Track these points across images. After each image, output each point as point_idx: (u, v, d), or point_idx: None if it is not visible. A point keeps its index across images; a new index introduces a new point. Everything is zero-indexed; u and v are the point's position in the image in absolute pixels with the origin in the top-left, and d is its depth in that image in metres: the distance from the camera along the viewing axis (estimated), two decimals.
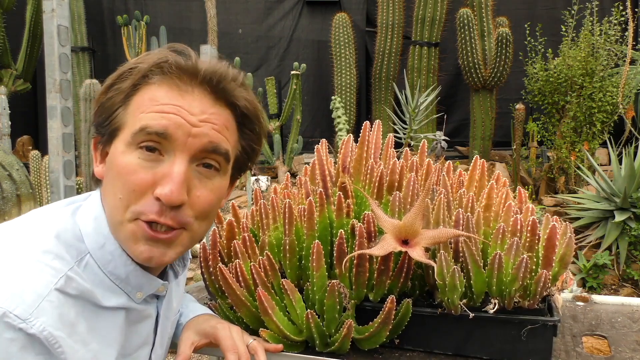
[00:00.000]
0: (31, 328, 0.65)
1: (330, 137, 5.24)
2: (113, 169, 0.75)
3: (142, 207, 0.73)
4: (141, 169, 0.73)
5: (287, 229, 1.05)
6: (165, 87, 0.75)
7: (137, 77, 0.76)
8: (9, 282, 0.67)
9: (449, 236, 0.96)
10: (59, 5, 2.94)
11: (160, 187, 0.72)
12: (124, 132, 0.75)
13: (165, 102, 0.74)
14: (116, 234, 0.77)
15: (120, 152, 0.75)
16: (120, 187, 0.74)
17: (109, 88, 0.78)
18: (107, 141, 0.78)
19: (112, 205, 0.75)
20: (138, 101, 0.76)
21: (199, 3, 6.04)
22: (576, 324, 1.17)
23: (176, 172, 0.73)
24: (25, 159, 5.07)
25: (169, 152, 0.74)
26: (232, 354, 0.94)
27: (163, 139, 0.73)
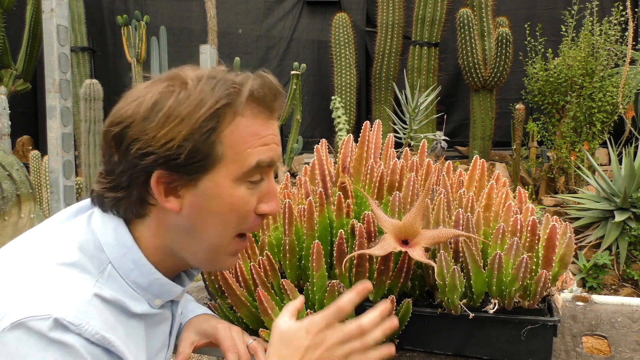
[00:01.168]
0: (84, 333, 0.66)
1: (330, 137, 5.24)
2: (223, 204, 0.77)
3: (249, 225, 0.80)
4: (250, 197, 0.78)
5: (287, 229, 1.05)
6: (259, 116, 0.78)
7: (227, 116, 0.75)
8: (52, 290, 0.68)
9: (449, 236, 0.96)
10: (58, 5, 2.94)
11: (266, 206, 0.80)
12: (227, 167, 0.75)
13: (265, 133, 0.78)
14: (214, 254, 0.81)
15: (229, 187, 0.76)
16: (236, 219, 0.78)
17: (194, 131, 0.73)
18: (191, 177, 0.75)
19: (220, 234, 0.79)
20: (235, 136, 0.75)
21: (199, 3, 6.04)
22: (576, 324, 1.17)
23: (275, 188, 0.81)
24: (25, 159, 5.07)
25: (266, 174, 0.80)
26: (232, 353, 0.94)
27: (271, 167, 0.80)
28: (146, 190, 0.76)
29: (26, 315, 0.64)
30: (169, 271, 0.83)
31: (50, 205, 3.04)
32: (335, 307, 0.81)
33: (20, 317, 0.64)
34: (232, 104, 0.75)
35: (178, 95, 0.74)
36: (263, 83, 0.78)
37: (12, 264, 0.73)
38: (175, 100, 0.74)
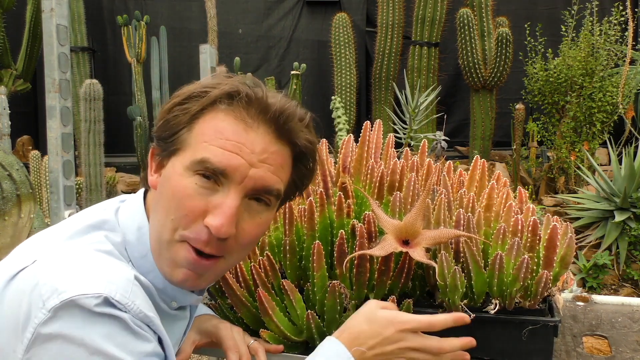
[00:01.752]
0: (130, 311, 0.68)
1: (330, 137, 5.24)
2: (169, 188, 0.76)
3: (191, 233, 0.74)
4: (197, 195, 0.74)
5: (287, 229, 1.05)
6: (232, 119, 0.76)
7: (206, 102, 0.76)
8: (98, 270, 0.70)
9: (450, 236, 0.96)
10: (58, 5, 2.93)
11: (211, 217, 0.73)
12: (185, 154, 0.76)
13: (229, 137, 0.74)
14: (160, 252, 0.78)
15: (179, 173, 0.75)
16: (174, 208, 0.75)
17: (177, 105, 0.78)
18: (167, 156, 0.79)
19: (162, 223, 0.76)
20: (203, 127, 0.76)
21: (199, 3, 6.04)
22: (576, 324, 1.17)
23: (229, 205, 0.74)
24: (25, 159, 5.07)
25: (224, 185, 0.75)
26: (233, 353, 0.94)
27: (220, 175, 0.74)
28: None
29: (77, 293, 0.65)
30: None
31: (50, 205, 3.04)
32: (428, 319, 0.85)
33: (71, 294, 0.65)
34: (208, 95, 0.76)
35: (189, 89, 0.80)
36: (252, 94, 0.76)
37: (48, 249, 0.74)
38: (184, 91, 0.80)
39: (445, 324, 0.86)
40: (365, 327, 0.85)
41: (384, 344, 0.84)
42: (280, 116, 0.77)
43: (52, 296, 0.65)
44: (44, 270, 0.69)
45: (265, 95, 0.77)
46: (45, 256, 0.71)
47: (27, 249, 0.75)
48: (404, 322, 0.85)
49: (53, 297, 0.65)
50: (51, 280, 0.67)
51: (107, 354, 0.65)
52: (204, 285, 0.82)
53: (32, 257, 0.71)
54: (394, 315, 0.86)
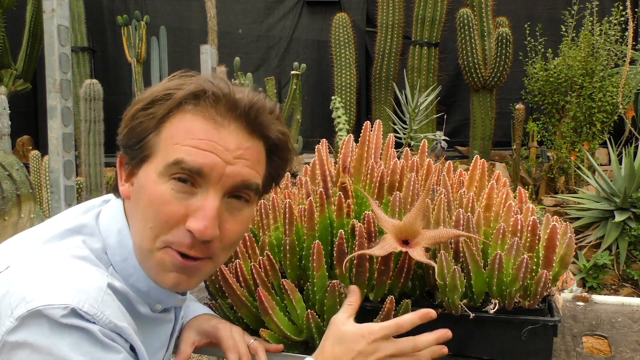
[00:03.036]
0: (98, 322, 0.67)
1: (330, 137, 5.24)
2: (144, 197, 0.74)
3: (173, 238, 0.73)
4: (175, 200, 0.72)
5: (287, 229, 1.05)
6: (201, 119, 0.74)
7: (172, 104, 0.74)
8: (68, 279, 0.69)
9: (450, 236, 0.96)
10: (59, 5, 2.94)
11: (193, 221, 0.72)
12: (157, 160, 0.74)
13: (201, 136, 0.73)
14: (144, 261, 0.77)
15: (153, 180, 0.73)
16: (152, 216, 0.73)
17: (140, 111, 0.76)
18: (137, 164, 0.77)
19: (141, 232, 0.75)
20: (172, 130, 0.74)
21: (199, 3, 6.04)
22: (576, 324, 1.17)
23: (210, 207, 0.72)
24: (25, 159, 5.07)
25: (202, 187, 0.73)
26: (233, 353, 0.94)
27: (197, 175, 0.73)
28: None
29: (44, 303, 0.65)
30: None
31: (51, 205, 3.04)
32: (396, 322, 0.85)
33: (37, 304, 0.65)
34: (173, 97, 0.74)
35: (152, 92, 0.77)
36: (218, 91, 0.75)
37: (22, 254, 0.73)
38: (146, 95, 0.77)
39: (412, 323, 0.86)
40: (337, 350, 0.84)
41: (360, 359, 0.83)
42: (250, 111, 0.75)
43: (20, 305, 0.65)
44: (15, 278, 0.68)
45: (232, 92, 0.75)
46: (18, 262, 0.71)
47: (1, 254, 0.74)
48: (373, 333, 0.84)
49: (21, 306, 0.65)
50: (20, 288, 0.67)
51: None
52: (195, 285, 0.81)
53: (6, 263, 0.71)
54: (362, 329, 0.85)
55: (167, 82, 0.78)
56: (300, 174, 1.24)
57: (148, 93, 0.77)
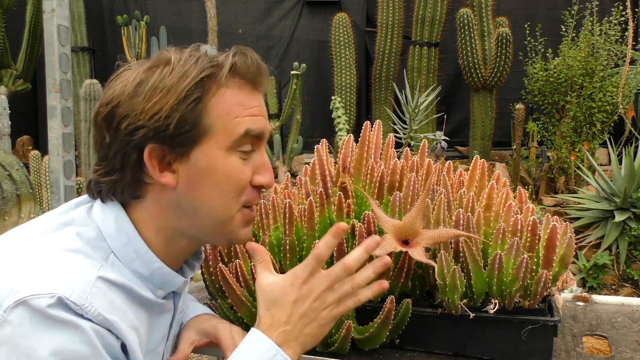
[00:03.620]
0: (87, 314, 0.67)
1: (330, 137, 5.24)
2: (218, 174, 0.78)
3: (248, 197, 0.82)
4: (244, 166, 0.80)
5: (287, 229, 1.05)
6: (244, 89, 0.80)
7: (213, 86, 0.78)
8: (56, 271, 0.69)
9: (450, 236, 0.96)
10: (59, 5, 2.94)
11: (261, 176, 0.82)
12: (216, 138, 0.77)
13: (251, 104, 0.80)
14: (221, 231, 0.82)
15: (221, 157, 0.78)
16: (233, 187, 0.79)
17: (177, 104, 0.74)
18: (184, 148, 0.76)
19: (222, 205, 0.80)
20: (223, 107, 0.78)
21: (199, 3, 6.03)
22: (576, 324, 1.17)
23: (267, 160, 0.84)
24: (25, 159, 5.07)
25: (257, 146, 0.82)
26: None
27: (257, 139, 0.81)
28: (140, 169, 0.77)
29: (30, 293, 0.65)
30: (173, 260, 0.83)
31: (51, 205, 3.04)
32: (314, 254, 0.78)
33: (23, 295, 0.64)
34: (215, 75, 0.78)
35: (162, 71, 0.77)
36: (245, 58, 0.82)
37: (15, 248, 0.73)
38: (160, 75, 0.76)
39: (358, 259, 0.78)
40: (274, 309, 0.76)
41: (299, 307, 0.76)
42: (265, 72, 0.84)
43: (8, 297, 0.65)
44: (5, 272, 0.69)
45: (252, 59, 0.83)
46: (8, 257, 0.71)
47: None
48: (298, 276, 0.77)
49: (9, 297, 0.65)
50: (9, 281, 0.67)
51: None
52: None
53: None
54: (287, 278, 0.78)
55: (190, 66, 0.77)
56: (300, 174, 1.24)
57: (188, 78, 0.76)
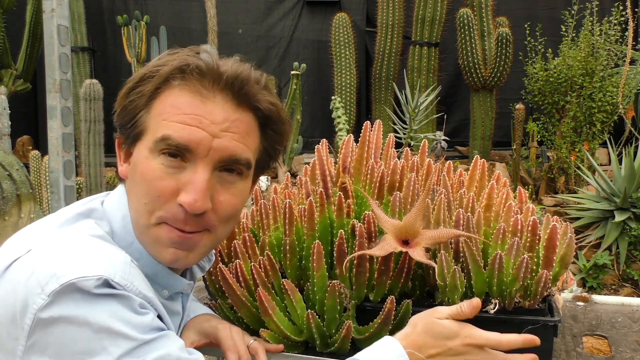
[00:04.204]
0: (130, 291, 0.69)
1: (330, 137, 5.24)
2: (137, 174, 0.76)
3: (167, 213, 0.75)
4: (165, 175, 0.74)
5: (287, 229, 1.05)
6: (187, 93, 0.75)
7: (158, 81, 0.76)
8: (95, 254, 0.70)
9: (450, 236, 0.96)
10: (59, 5, 2.94)
11: (184, 194, 0.73)
12: (147, 137, 0.76)
13: (187, 111, 0.74)
14: (142, 238, 0.78)
15: (144, 157, 0.75)
16: (145, 192, 0.75)
17: (131, 90, 0.78)
18: (131, 143, 0.79)
19: (137, 209, 0.77)
20: (160, 106, 0.76)
21: (199, 3, 6.03)
22: (576, 324, 1.17)
23: (199, 180, 0.73)
24: (25, 159, 5.07)
25: (191, 161, 0.75)
26: (232, 353, 0.94)
27: (185, 151, 0.74)
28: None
29: (77, 275, 0.65)
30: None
31: (51, 205, 3.04)
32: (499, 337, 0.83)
33: (69, 278, 0.65)
34: (159, 73, 0.76)
35: (141, 72, 0.79)
36: (202, 64, 0.75)
37: (43, 238, 0.74)
38: (136, 75, 0.79)
39: (514, 345, 0.84)
40: (428, 338, 0.83)
41: (448, 355, 0.83)
42: (235, 82, 0.76)
43: (51, 281, 0.65)
44: (40, 258, 0.69)
45: (215, 64, 0.76)
46: (39, 245, 0.71)
47: (18, 241, 0.75)
48: (472, 336, 0.84)
49: (52, 281, 0.65)
50: (48, 266, 0.67)
51: (113, 330, 0.65)
52: (196, 260, 0.82)
53: (26, 248, 0.71)
54: (461, 327, 0.85)
55: (155, 61, 0.80)
56: (300, 174, 1.24)
57: (138, 72, 0.79)
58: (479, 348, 0.83)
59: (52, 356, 0.64)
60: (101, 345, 0.64)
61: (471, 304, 0.86)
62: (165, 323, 0.76)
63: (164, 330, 0.72)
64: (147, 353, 0.67)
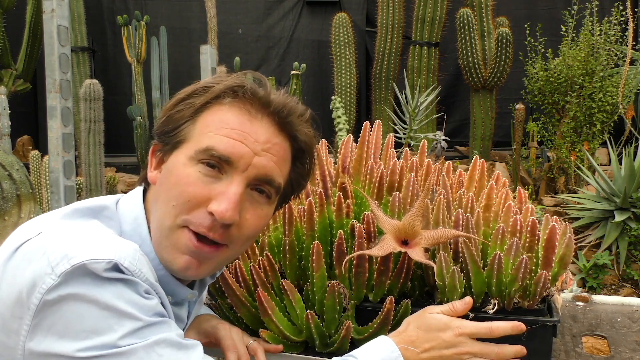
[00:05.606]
0: (138, 277, 0.70)
1: (330, 137, 5.24)
2: (171, 178, 0.78)
3: (194, 218, 0.76)
4: (200, 182, 0.76)
5: (286, 229, 1.05)
6: (237, 110, 0.78)
7: (210, 96, 0.79)
8: (106, 241, 0.72)
9: (449, 237, 0.96)
10: (59, 5, 2.94)
11: (216, 203, 0.75)
12: (188, 146, 0.78)
13: (234, 126, 0.77)
14: (161, 240, 0.79)
15: (182, 163, 0.77)
16: (176, 195, 0.76)
17: (181, 101, 0.81)
18: (169, 151, 0.81)
19: (163, 211, 0.78)
20: (207, 120, 0.79)
21: (199, 3, 6.03)
22: (576, 324, 1.17)
23: (233, 192, 0.76)
24: (25, 159, 5.07)
25: (228, 173, 0.77)
26: (232, 353, 0.94)
27: (225, 163, 0.76)
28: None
29: (87, 258, 0.66)
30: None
31: (51, 205, 3.05)
32: (489, 325, 0.86)
33: (80, 259, 0.66)
34: (212, 89, 0.79)
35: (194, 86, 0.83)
36: (259, 86, 0.80)
37: (53, 224, 0.75)
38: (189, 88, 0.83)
39: (504, 331, 0.87)
40: (421, 332, 0.86)
41: (442, 347, 0.85)
42: (283, 110, 0.80)
43: (62, 262, 0.66)
44: (51, 240, 0.70)
45: (268, 91, 0.80)
46: (50, 229, 0.73)
47: (28, 227, 0.76)
48: (463, 327, 0.86)
49: (63, 262, 0.66)
50: (60, 247, 0.68)
51: (118, 309, 0.67)
52: (205, 274, 0.83)
53: (37, 231, 0.72)
54: (451, 319, 0.87)
55: (211, 77, 0.84)
56: None
57: (189, 87, 0.82)
58: (471, 339, 0.86)
59: (57, 334, 0.65)
60: (107, 323, 0.66)
61: (463, 301, 0.90)
62: (167, 312, 0.77)
63: (166, 317, 0.74)
64: (150, 334, 0.69)
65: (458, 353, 0.85)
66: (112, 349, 0.65)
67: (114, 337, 0.66)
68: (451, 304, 0.90)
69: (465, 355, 0.85)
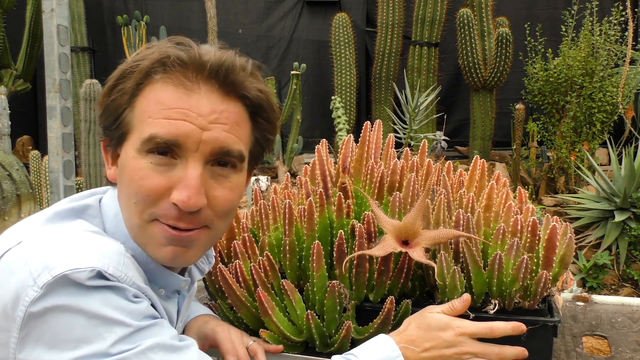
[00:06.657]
0: (124, 282, 0.68)
1: (330, 137, 5.24)
2: (125, 175, 0.74)
3: (160, 210, 0.72)
4: (155, 173, 0.71)
5: (287, 229, 1.05)
6: (171, 87, 0.72)
7: (139, 76, 0.73)
8: (88, 246, 0.69)
9: (449, 237, 0.96)
10: (59, 5, 2.94)
11: (176, 192, 0.70)
12: (133, 136, 0.73)
13: (172, 105, 0.71)
14: (138, 239, 0.76)
15: (132, 157, 0.72)
16: (134, 192, 0.72)
17: (112, 89, 0.76)
18: (117, 144, 0.76)
19: (128, 209, 0.75)
20: (144, 103, 0.73)
21: (199, 3, 6.03)
22: (576, 324, 1.17)
23: (191, 176, 0.71)
24: (25, 159, 5.06)
25: (181, 157, 0.72)
26: (231, 356, 0.94)
27: (174, 147, 0.71)
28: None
29: (69, 267, 0.65)
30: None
31: (50, 205, 3.04)
32: (489, 326, 0.86)
33: (61, 270, 0.64)
34: (139, 68, 0.73)
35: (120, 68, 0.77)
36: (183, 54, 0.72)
37: (34, 231, 0.73)
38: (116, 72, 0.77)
39: (505, 332, 0.87)
40: (422, 332, 0.86)
41: (442, 347, 0.85)
42: (219, 70, 0.73)
43: (43, 273, 0.64)
44: (32, 249, 0.68)
45: (197, 53, 0.73)
46: (30, 237, 0.71)
47: (9, 234, 0.74)
48: (463, 327, 0.86)
49: (44, 273, 0.64)
50: (40, 257, 0.66)
51: (105, 316, 0.65)
52: (196, 258, 0.79)
53: (17, 239, 0.70)
54: (452, 319, 0.87)
55: (134, 55, 0.77)
56: (300, 174, 1.24)
57: (118, 69, 0.76)
58: (472, 339, 0.86)
59: (46, 345, 0.63)
60: (96, 332, 0.64)
61: (461, 299, 0.90)
62: (159, 313, 0.75)
63: (158, 318, 0.72)
64: (142, 339, 0.67)
65: (458, 353, 0.85)
66: (103, 357, 0.64)
67: (104, 345, 0.64)
68: (450, 303, 0.90)
69: (465, 355, 0.85)
